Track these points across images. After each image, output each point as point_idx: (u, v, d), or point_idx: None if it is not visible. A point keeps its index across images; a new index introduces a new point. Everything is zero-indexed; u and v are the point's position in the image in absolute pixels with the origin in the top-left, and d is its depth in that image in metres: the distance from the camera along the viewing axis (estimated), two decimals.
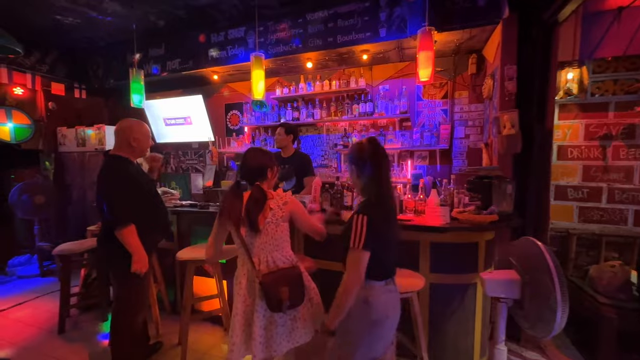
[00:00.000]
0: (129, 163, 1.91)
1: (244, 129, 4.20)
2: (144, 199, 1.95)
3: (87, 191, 4.23)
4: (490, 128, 2.72)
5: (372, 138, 1.35)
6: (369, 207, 1.27)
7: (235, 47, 3.38)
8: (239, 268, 1.55)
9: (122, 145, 1.89)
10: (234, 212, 1.44)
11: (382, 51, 3.05)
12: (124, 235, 1.77)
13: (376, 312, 1.28)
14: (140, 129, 1.94)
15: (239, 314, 1.46)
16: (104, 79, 4.16)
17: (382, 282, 1.31)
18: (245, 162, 1.53)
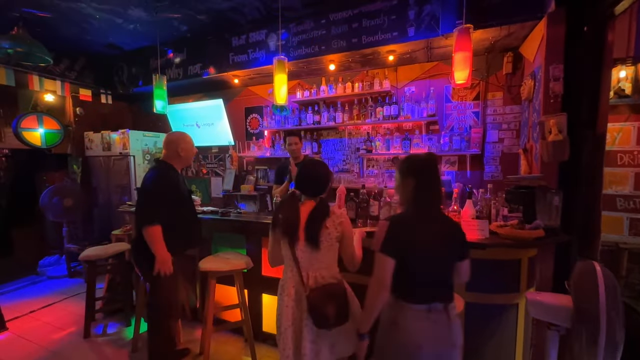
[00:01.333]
0: (173, 170, 2.08)
1: (264, 133, 4.15)
2: (179, 205, 2.05)
3: (112, 194, 4.33)
4: (529, 132, 2.51)
5: (429, 155, 1.31)
6: (396, 216, 1.29)
7: (257, 51, 3.32)
8: (286, 278, 1.50)
9: (171, 154, 2.07)
10: (291, 224, 1.42)
11: (409, 51, 2.90)
12: (148, 234, 1.88)
13: (405, 338, 1.19)
14: (187, 140, 2.12)
15: (289, 327, 1.43)
16: (128, 84, 4.23)
17: (420, 306, 1.19)
18: (307, 174, 1.50)
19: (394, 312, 1.22)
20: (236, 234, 2.68)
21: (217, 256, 2.39)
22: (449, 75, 3.12)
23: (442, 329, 1.21)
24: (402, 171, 1.29)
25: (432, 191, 1.25)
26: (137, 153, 4.21)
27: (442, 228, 1.25)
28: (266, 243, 2.55)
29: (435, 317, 1.20)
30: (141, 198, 1.99)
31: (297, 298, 1.44)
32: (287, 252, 1.46)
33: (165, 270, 1.91)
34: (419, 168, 1.25)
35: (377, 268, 1.22)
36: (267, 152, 4.02)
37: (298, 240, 1.43)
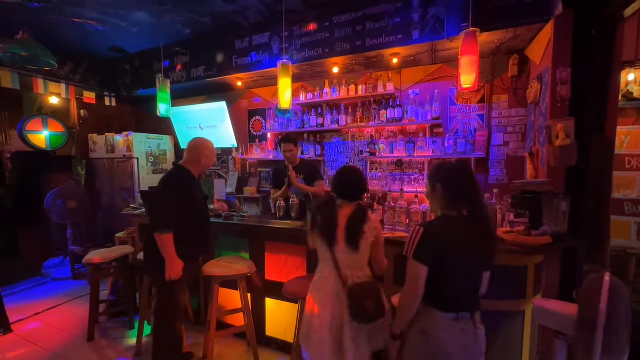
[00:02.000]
0: (192, 176, 2.07)
1: (267, 135, 4.14)
2: (193, 212, 2.04)
3: (116, 197, 4.34)
4: (535, 135, 2.47)
5: (461, 162, 1.31)
6: (430, 223, 1.30)
7: (260, 53, 3.32)
8: (322, 277, 1.56)
9: (192, 160, 2.06)
10: (330, 228, 1.50)
11: (413, 54, 2.87)
12: (160, 240, 1.89)
13: (435, 347, 1.20)
14: (210, 147, 2.15)
15: (326, 324, 1.46)
16: (131, 87, 4.24)
17: (449, 314, 1.20)
18: (346, 180, 1.57)
19: (424, 319, 1.24)
20: (239, 237, 2.68)
21: (221, 260, 2.38)
22: (453, 78, 3.10)
23: (470, 338, 1.22)
24: (431, 178, 1.31)
25: (462, 198, 1.23)
26: (141, 155, 4.22)
27: (474, 237, 1.22)
28: (269, 247, 2.55)
29: (463, 326, 1.21)
30: (155, 202, 1.99)
31: (336, 296, 1.49)
32: (326, 253, 1.53)
33: (176, 277, 1.91)
34: (447, 175, 1.25)
35: (410, 275, 1.22)
36: (270, 154, 4.01)
37: (337, 242, 1.50)
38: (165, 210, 1.90)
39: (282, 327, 2.53)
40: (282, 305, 2.52)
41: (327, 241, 1.51)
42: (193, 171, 2.06)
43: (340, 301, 1.48)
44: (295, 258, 2.44)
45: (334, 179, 1.62)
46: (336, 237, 1.50)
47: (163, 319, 2.01)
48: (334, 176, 1.63)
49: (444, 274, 1.20)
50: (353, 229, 1.48)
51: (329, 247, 1.51)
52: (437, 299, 1.22)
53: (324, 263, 1.58)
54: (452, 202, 1.24)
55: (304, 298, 1.85)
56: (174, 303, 2.04)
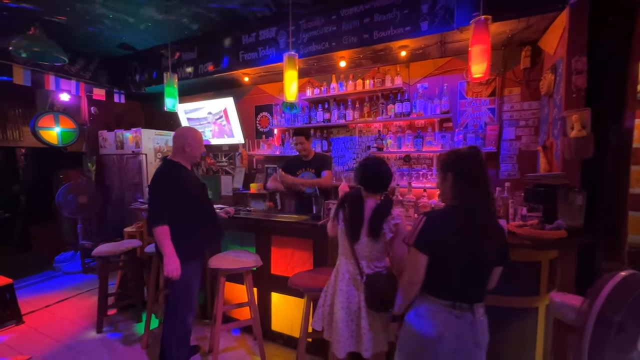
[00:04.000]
0: (181, 167, 2.03)
1: (274, 131, 4.14)
2: (189, 204, 1.99)
3: (125, 192, 4.39)
4: (549, 128, 2.40)
5: (471, 148, 1.26)
6: (434, 212, 1.32)
7: (266, 48, 3.30)
8: (341, 263, 1.60)
9: (177, 151, 2.03)
10: (356, 221, 1.51)
11: (422, 46, 2.82)
12: (156, 234, 1.86)
13: (425, 327, 1.20)
14: (194, 135, 2.07)
15: (341, 308, 1.51)
16: (140, 83, 4.29)
17: (445, 301, 1.20)
18: (374, 171, 1.56)
19: (419, 302, 1.26)
20: (246, 232, 2.67)
21: (227, 254, 2.38)
22: (463, 71, 3.04)
23: (465, 325, 1.19)
24: (441, 166, 1.28)
25: (472, 187, 1.19)
26: (149, 151, 4.26)
27: (482, 229, 1.18)
28: (275, 241, 2.54)
29: (459, 313, 1.19)
30: (149, 197, 1.97)
31: (354, 286, 1.53)
32: (344, 242, 1.56)
33: (174, 276, 1.86)
34: (458, 162, 1.22)
35: (410, 262, 1.24)
36: (277, 150, 4.00)
37: (360, 235, 1.52)
38: (156, 204, 1.88)
39: (288, 322, 2.51)
40: (288, 299, 2.51)
41: (351, 234, 1.52)
42: (182, 162, 2.02)
43: (357, 290, 1.51)
44: (302, 252, 2.42)
45: (358, 171, 1.61)
46: (360, 231, 1.51)
47: (174, 312, 2.00)
48: (359, 168, 1.62)
49: (443, 263, 1.20)
50: (376, 221, 1.49)
51: (350, 239, 1.52)
52: (434, 286, 1.23)
53: (343, 253, 1.60)
54: (460, 192, 1.20)
55: (311, 291, 1.84)
56: (187, 295, 2.03)
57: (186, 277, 1.94)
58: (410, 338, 1.26)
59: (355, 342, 1.50)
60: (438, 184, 1.32)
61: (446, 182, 1.24)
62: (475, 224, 1.17)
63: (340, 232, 1.58)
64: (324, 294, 1.67)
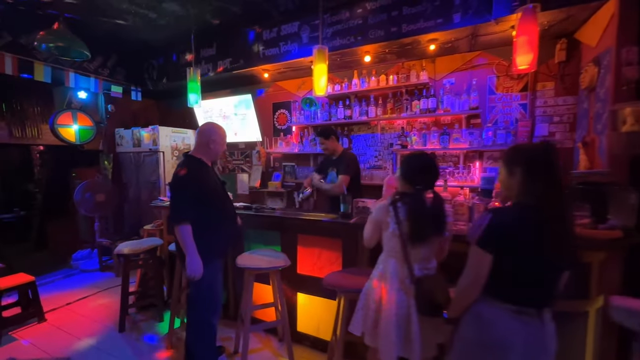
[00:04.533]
0: (202, 164, 1.97)
1: (292, 129, 4.07)
2: (211, 201, 1.93)
3: (142, 190, 4.37)
4: (590, 124, 2.29)
5: (543, 143, 1.17)
6: (500, 209, 1.21)
7: (288, 43, 3.24)
8: (388, 267, 1.51)
9: (201, 147, 1.96)
10: (422, 219, 1.42)
11: (452, 40, 2.73)
12: (177, 233, 1.80)
13: (488, 333, 1.12)
14: (219, 132, 2.03)
15: (390, 313, 1.44)
16: (157, 80, 4.26)
17: (510, 305, 1.11)
18: (431, 166, 1.49)
19: (480, 305, 1.17)
20: (270, 230, 2.61)
21: (254, 253, 2.32)
22: (493, 66, 2.95)
23: (534, 331, 1.11)
24: (509, 161, 1.17)
25: (546, 184, 1.09)
26: (166, 149, 4.23)
27: (556, 229, 1.09)
28: (302, 240, 2.47)
29: (526, 319, 1.11)
30: (170, 195, 1.91)
31: (403, 289, 1.45)
32: (397, 244, 1.47)
33: (197, 275, 1.80)
34: (530, 157, 1.13)
35: (473, 262, 1.16)
36: (295, 148, 3.94)
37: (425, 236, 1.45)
38: (179, 202, 1.83)
39: (315, 323, 2.44)
40: (314, 300, 2.44)
41: (413, 236, 1.42)
42: (204, 158, 1.96)
43: (407, 293, 1.44)
44: (330, 252, 2.35)
45: (405, 165, 1.52)
46: (425, 232, 1.43)
47: (199, 312, 1.95)
48: (406, 162, 1.53)
49: (509, 265, 1.11)
50: (440, 222, 1.44)
51: (412, 241, 1.43)
52: (497, 289, 1.14)
53: (392, 255, 1.52)
54: (532, 189, 1.11)
55: (348, 292, 1.76)
56: (211, 296, 1.98)
57: (209, 276, 1.88)
58: (471, 344, 1.18)
59: (405, 347, 1.43)
60: (502, 179, 1.22)
61: (513, 178, 1.14)
62: (548, 224, 1.09)
63: (392, 234, 1.48)
64: (365, 296, 1.59)
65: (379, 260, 1.60)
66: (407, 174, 1.52)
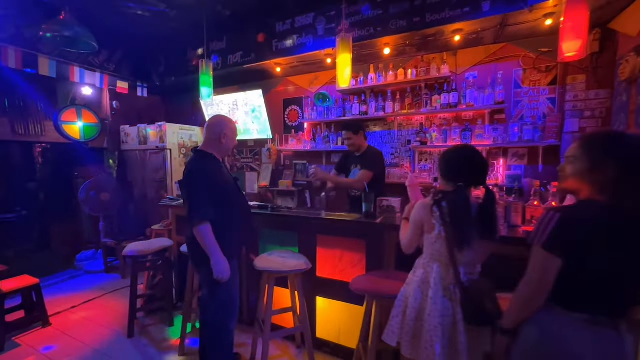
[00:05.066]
0: (213, 159, 1.84)
1: (304, 126, 3.94)
2: (230, 200, 1.82)
3: (148, 189, 4.24)
4: (631, 118, 2.16)
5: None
6: (572, 208, 1.04)
7: (303, 36, 3.11)
8: (431, 272, 1.38)
9: (212, 141, 1.84)
10: (469, 220, 1.29)
11: (478, 30, 2.60)
12: (199, 233, 1.68)
13: (555, 346, 0.99)
14: (231, 125, 1.90)
15: (434, 323, 1.31)
16: (164, 76, 4.13)
17: (580, 314, 0.98)
18: (480, 160, 1.34)
19: (543, 314, 1.05)
20: (287, 231, 2.48)
21: (272, 255, 2.18)
22: (519, 58, 2.81)
23: (608, 344, 0.97)
24: (596, 152, 1.00)
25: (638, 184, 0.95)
26: (174, 147, 4.10)
27: (632, 232, 0.95)
28: (322, 241, 2.34)
29: (598, 329, 0.97)
30: (187, 194, 1.76)
31: (447, 294, 1.33)
32: (442, 247, 1.34)
33: (225, 277, 1.71)
34: (628, 151, 0.96)
35: (536, 266, 1.02)
36: (308, 145, 3.80)
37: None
38: (198, 199, 1.70)
39: (335, 328, 2.31)
40: (334, 305, 2.31)
41: (461, 239, 1.29)
42: (215, 154, 1.84)
43: (452, 300, 1.32)
44: (353, 254, 2.22)
45: (444, 160, 1.39)
46: (472, 234, 1.30)
47: (216, 317, 1.82)
48: (444, 157, 1.40)
49: (580, 270, 0.97)
50: (492, 223, 1.31)
51: (459, 244, 1.29)
52: (565, 296, 1.01)
53: (436, 258, 1.38)
54: (621, 187, 0.96)
55: (381, 298, 1.63)
56: (228, 301, 1.85)
57: (226, 281, 1.76)
58: (534, 357, 1.05)
59: (450, 359, 1.30)
60: (576, 172, 1.05)
61: (599, 172, 0.98)
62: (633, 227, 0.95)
63: (437, 237, 1.36)
64: (401, 303, 1.46)
65: (418, 264, 1.46)
66: (446, 170, 1.39)
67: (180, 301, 2.94)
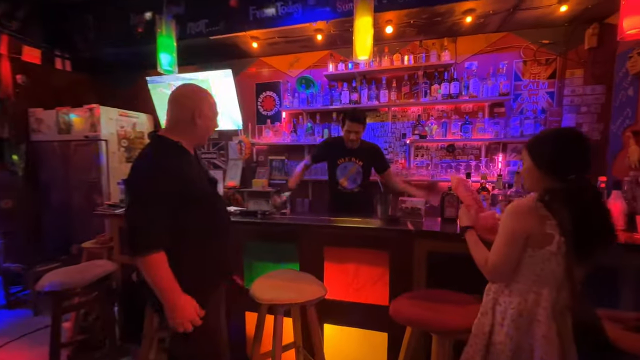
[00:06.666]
0: (179, 150, 1.21)
1: (282, 115, 3.39)
2: (200, 208, 1.20)
3: (73, 193, 3.22)
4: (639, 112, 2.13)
5: None
6: None
7: (290, 4, 2.58)
8: (540, 298, 1.01)
9: (180, 123, 1.23)
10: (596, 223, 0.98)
11: (489, 13, 2.39)
12: (145, 266, 1.07)
13: None
14: (210, 100, 1.29)
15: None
16: (95, 44, 3.18)
17: None
18: (583, 146, 1.02)
19: None
20: (283, 242, 1.95)
21: (271, 278, 1.64)
22: (520, 49, 2.71)
23: None
24: None
25: None
26: (111, 137, 3.18)
27: None
28: (330, 253, 1.86)
29: None
30: (128, 205, 1.13)
31: (561, 326, 0.99)
32: (557, 265, 0.99)
33: (184, 325, 1.11)
34: None
35: None
36: (287, 137, 3.27)
37: None
38: (146, 215, 1.07)
39: None
40: (345, 332, 1.87)
41: (580, 250, 0.96)
42: (184, 142, 1.22)
43: (565, 331, 1.00)
44: (371, 268, 1.80)
45: (543, 146, 1.07)
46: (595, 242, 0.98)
47: None
48: (543, 142, 1.08)
49: None
50: (611, 226, 0.99)
51: (582, 256, 0.97)
52: None
53: (540, 281, 1.02)
54: None
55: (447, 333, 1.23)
56: (214, 351, 1.29)
57: (208, 321, 1.19)
58: None
59: None
60: None
61: None
62: None
63: (554, 252, 0.98)
64: (483, 341, 1.08)
65: (502, 290, 1.08)
66: (549, 159, 1.05)
67: (129, 342, 2.18)
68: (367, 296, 1.81)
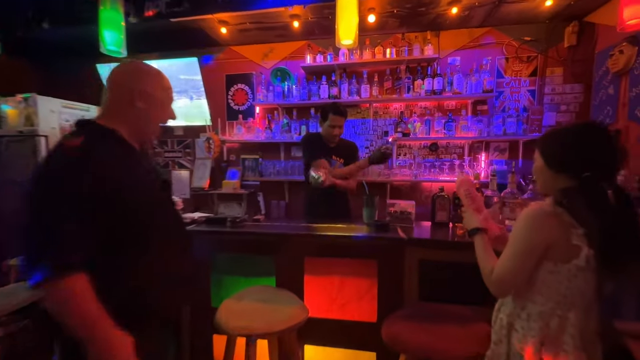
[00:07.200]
0: (121, 142, 0.93)
1: (255, 110, 3.11)
2: (132, 217, 0.88)
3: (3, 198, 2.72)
4: (620, 110, 2.13)
5: None
6: None
7: None
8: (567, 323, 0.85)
9: (117, 106, 0.94)
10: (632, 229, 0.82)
11: (475, 5, 2.28)
12: (59, 293, 0.75)
13: None
14: (157, 79, 1.00)
15: None
16: (33, 23, 2.70)
17: None
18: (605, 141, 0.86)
19: None
20: (258, 254, 1.70)
21: (242, 300, 1.38)
22: (502, 45, 2.65)
23: None
24: None
25: None
26: (52, 132, 2.73)
27: None
28: (311, 265, 1.64)
29: None
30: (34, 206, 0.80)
31: (592, 357, 0.84)
32: (580, 282, 0.83)
33: None
34: None
35: None
36: (262, 135, 2.99)
37: None
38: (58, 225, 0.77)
39: None
40: (327, 353, 1.68)
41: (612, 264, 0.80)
42: (122, 131, 0.94)
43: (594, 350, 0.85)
44: (358, 280, 1.61)
45: (554, 141, 0.92)
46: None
47: None
48: (559, 136, 0.92)
49: None
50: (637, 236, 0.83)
51: (599, 272, 0.81)
52: None
53: (566, 302, 0.85)
54: None
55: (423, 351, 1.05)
56: None
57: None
58: None
59: None
60: None
61: None
62: None
63: (582, 267, 0.82)
64: None
65: (520, 315, 0.90)
66: (558, 153, 0.90)
67: None
68: (352, 312, 1.62)
